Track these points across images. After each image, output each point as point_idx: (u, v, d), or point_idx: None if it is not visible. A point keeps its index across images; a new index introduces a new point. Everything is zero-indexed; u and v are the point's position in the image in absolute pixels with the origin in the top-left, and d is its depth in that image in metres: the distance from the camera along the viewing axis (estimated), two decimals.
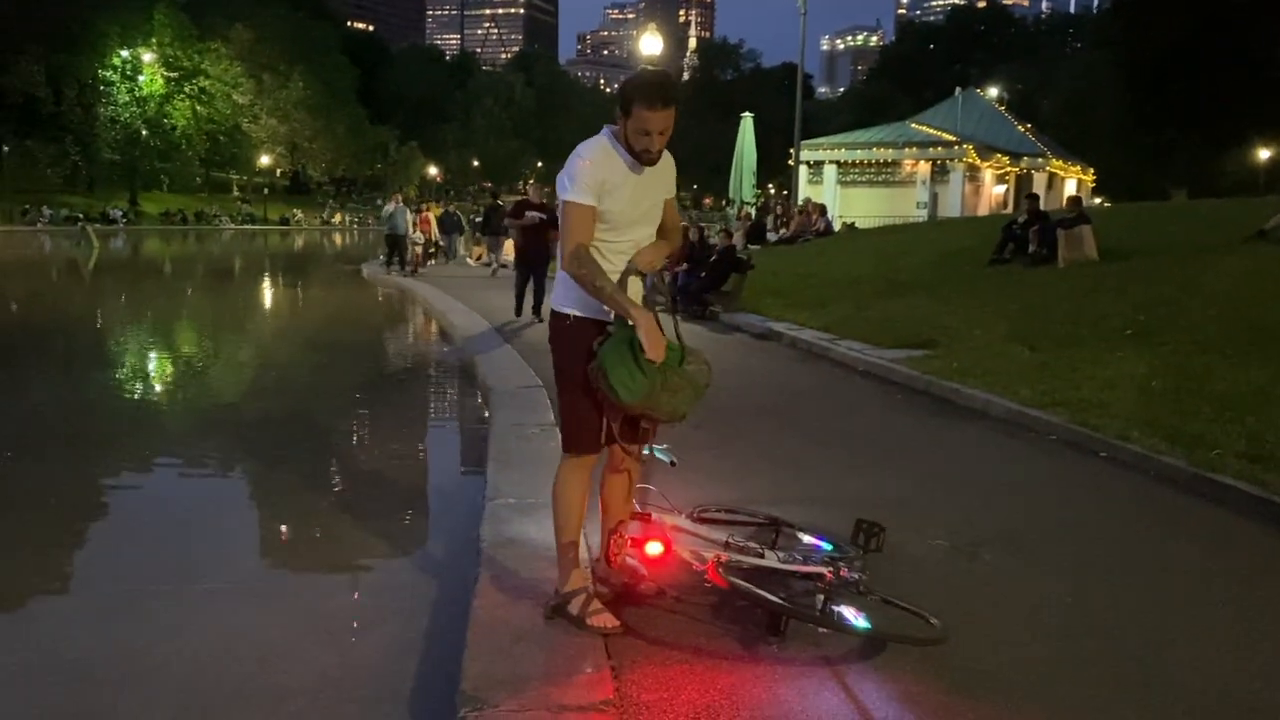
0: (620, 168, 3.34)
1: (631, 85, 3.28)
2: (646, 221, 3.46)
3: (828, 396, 8.69)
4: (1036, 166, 46.97)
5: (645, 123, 3.22)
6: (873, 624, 3.26)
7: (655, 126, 3.24)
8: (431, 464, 7.28)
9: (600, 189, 3.32)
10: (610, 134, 3.38)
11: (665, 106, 3.23)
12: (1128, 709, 3.09)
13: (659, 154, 3.34)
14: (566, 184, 3.33)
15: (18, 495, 5.94)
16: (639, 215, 3.42)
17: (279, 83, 71.50)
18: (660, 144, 3.30)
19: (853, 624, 3.24)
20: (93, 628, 3.98)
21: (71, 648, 3.79)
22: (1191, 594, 4.08)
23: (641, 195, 3.40)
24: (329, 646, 3.77)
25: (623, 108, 3.28)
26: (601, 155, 3.35)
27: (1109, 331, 9.64)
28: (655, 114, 3.22)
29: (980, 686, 3.15)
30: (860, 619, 3.25)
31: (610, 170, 3.34)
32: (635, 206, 3.39)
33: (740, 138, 34.71)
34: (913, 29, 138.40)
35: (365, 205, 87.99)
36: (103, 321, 16.87)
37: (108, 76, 60.27)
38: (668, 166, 3.49)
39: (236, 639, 3.84)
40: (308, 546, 5.17)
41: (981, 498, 5.44)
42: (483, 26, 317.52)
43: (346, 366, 11.57)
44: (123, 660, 3.67)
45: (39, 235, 46.20)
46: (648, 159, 3.30)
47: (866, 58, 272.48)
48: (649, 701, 2.94)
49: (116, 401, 9.46)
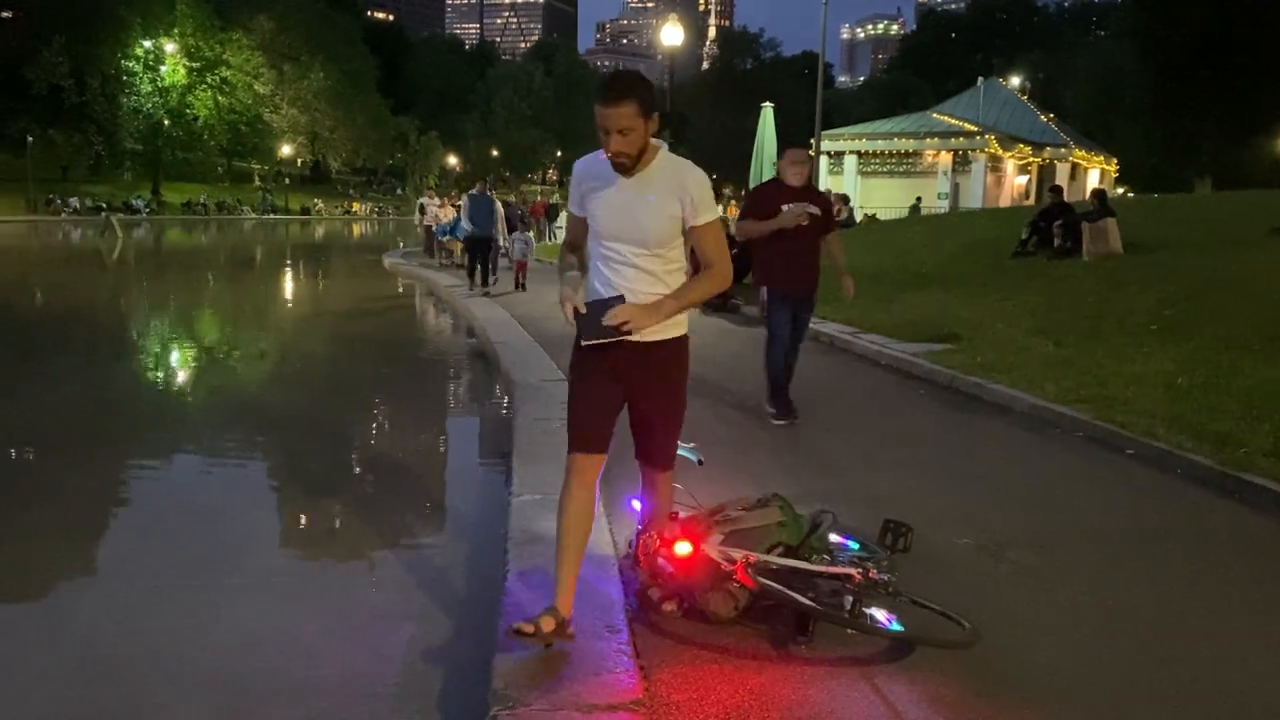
0: (600, 174, 3.26)
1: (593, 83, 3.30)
2: (633, 238, 3.22)
3: (850, 391, 8.68)
4: (1059, 157, 46.64)
5: (599, 119, 3.10)
6: (904, 627, 3.26)
7: (607, 124, 3.08)
8: (456, 459, 7.31)
9: (582, 198, 3.35)
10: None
11: (615, 102, 3.06)
12: (1157, 711, 3.08)
13: (626, 158, 3.13)
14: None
15: (48, 488, 6.01)
16: (619, 228, 3.23)
17: (300, 73, 71.73)
18: (619, 144, 3.10)
19: (885, 626, 3.25)
20: (123, 624, 4.02)
21: (103, 644, 3.83)
22: (1220, 594, 4.06)
23: (621, 205, 3.22)
24: (358, 643, 3.79)
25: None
26: (587, 163, 3.35)
27: (1134, 326, 9.57)
28: (605, 110, 3.07)
29: (1010, 688, 3.15)
30: (892, 621, 3.25)
31: (590, 177, 3.31)
32: (613, 218, 3.24)
33: (760, 128, 34.50)
34: (934, 17, 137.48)
35: (385, 195, 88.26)
36: (129, 311, 17.01)
37: (131, 67, 60.60)
38: (671, 182, 3.22)
39: (265, 635, 3.87)
40: (334, 542, 5.20)
41: (1007, 496, 5.42)
42: (502, 16, 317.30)
43: (368, 358, 11.64)
44: (154, 656, 3.71)
45: (63, 225, 46.53)
46: (617, 164, 3.15)
47: (887, 47, 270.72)
48: (679, 701, 2.96)
49: (143, 393, 9.56)
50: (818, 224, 6.81)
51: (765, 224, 6.75)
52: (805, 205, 6.72)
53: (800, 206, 6.69)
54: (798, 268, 6.88)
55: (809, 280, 7.01)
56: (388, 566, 4.69)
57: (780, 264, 6.86)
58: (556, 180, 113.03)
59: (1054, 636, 3.57)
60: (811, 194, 6.92)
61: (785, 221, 6.65)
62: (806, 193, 6.84)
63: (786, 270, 6.86)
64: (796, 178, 6.84)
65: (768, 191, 7.17)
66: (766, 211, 6.79)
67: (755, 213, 6.94)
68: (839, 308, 12.41)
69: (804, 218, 6.67)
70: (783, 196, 6.78)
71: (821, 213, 6.84)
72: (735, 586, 3.43)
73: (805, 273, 6.94)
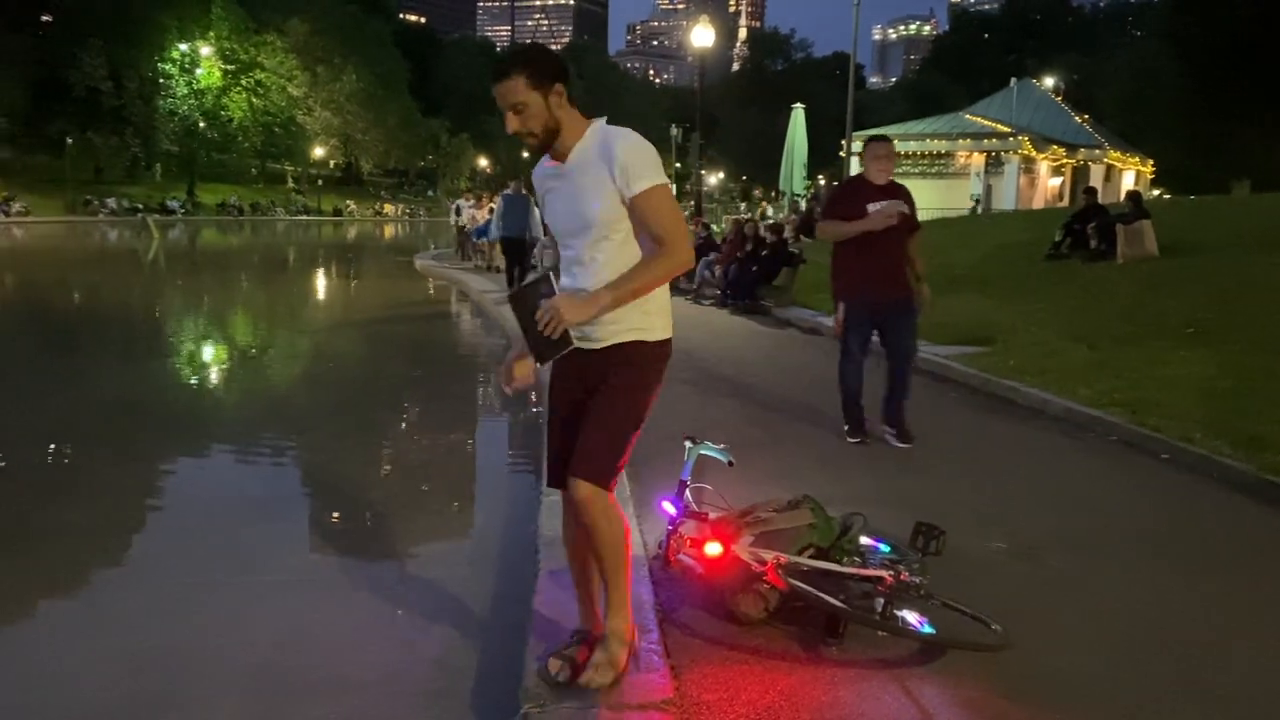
0: (547, 173, 3.02)
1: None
2: (576, 228, 2.91)
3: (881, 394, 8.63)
4: (1094, 158, 46.17)
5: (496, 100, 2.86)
6: (936, 629, 3.25)
7: (500, 102, 2.85)
8: (486, 458, 7.35)
9: (545, 206, 3.08)
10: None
11: (501, 77, 2.84)
12: (1188, 717, 3.06)
13: (531, 137, 2.86)
14: None
15: (89, 485, 6.12)
16: (563, 222, 2.96)
17: (333, 75, 72.34)
18: (515, 124, 2.84)
19: (916, 629, 3.23)
20: (162, 618, 4.08)
21: (142, 637, 3.89)
22: (1255, 600, 4.00)
23: (562, 196, 2.95)
24: (390, 640, 3.83)
25: None
26: (539, 166, 3.07)
27: (1170, 330, 9.47)
28: (494, 87, 2.84)
29: (1041, 692, 3.12)
30: (924, 624, 3.24)
31: (543, 179, 3.05)
32: (557, 213, 2.99)
33: (791, 129, 34.47)
34: (967, 18, 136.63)
35: (416, 196, 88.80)
36: (166, 311, 17.23)
37: (167, 70, 61.39)
38: (602, 154, 2.84)
39: (300, 631, 3.92)
40: (367, 539, 5.25)
41: (1040, 499, 5.38)
42: (533, 18, 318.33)
43: (399, 359, 11.74)
44: (191, 649, 3.77)
45: (100, 225, 47.18)
46: (529, 146, 2.89)
47: (919, 47, 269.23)
48: (709, 701, 2.96)
49: (180, 391, 9.69)
50: (903, 224, 6.14)
51: (851, 225, 6.05)
52: (895, 203, 6.06)
53: (891, 205, 6.03)
54: (882, 275, 6.13)
55: (896, 288, 6.21)
56: (420, 564, 4.73)
57: (862, 271, 6.13)
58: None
59: (1087, 641, 3.54)
60: (897, 190, 6.23)
61: (875, 223, 5.97)
62: (892, 190, 6.18)
63: (869, 279, 6.13)
64: (881, 174, 6.16)
65: (850, 189, 6.57)
66: (851, 212, 6.10)
67: (838, 212, 6.26)
68: None
69: (894, 218, 6.00)
70: (868, 195, 6.11)
71: (909, 211, 6.23)
72: (765, 588, 3.43)
73: (891, 281, 6.17)
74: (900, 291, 6.22)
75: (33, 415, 8.00)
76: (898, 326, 6.30)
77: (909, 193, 6.38)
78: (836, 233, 6.22)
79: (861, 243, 6.05)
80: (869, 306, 6.24)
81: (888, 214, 5.99)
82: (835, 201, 6.60)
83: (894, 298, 6.21)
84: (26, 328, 14.55)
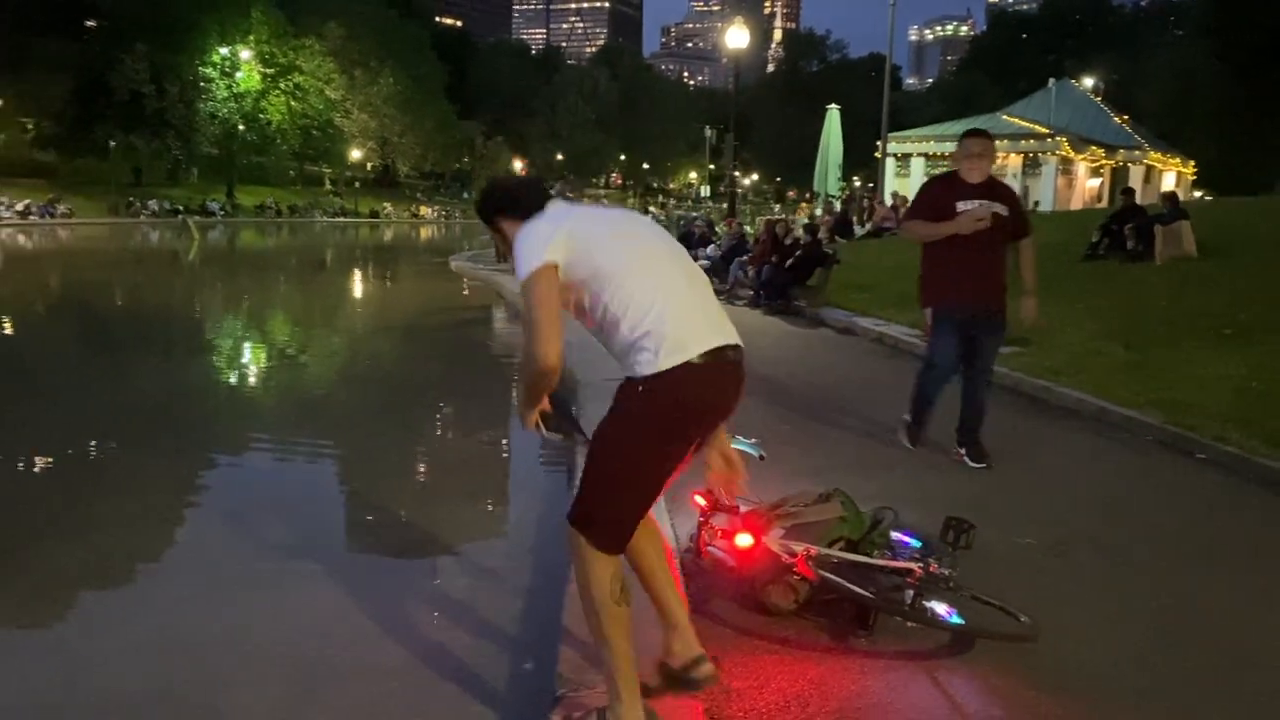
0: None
1: None
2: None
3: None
4: (1133, 159, 45.64)
5: None
6: (965, 620, 3.29)
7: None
8: (519, 455, 7.43)
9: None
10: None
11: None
12: (1218, 713, 3.07)
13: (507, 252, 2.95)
14: None
15: (131, 479, 6.27)
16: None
17: (370, 78, 72.98)
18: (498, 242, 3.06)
19: (945, 619, 3.27)
20: (200, 606, 4.19)
21: (181, 624, 4.00)
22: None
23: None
24: (426, 627, 3.92)
25: None
26: None
27: (1207, 330, 9.39)
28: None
29: (1070, 685, 3.15)
30: (953, 614, 3.28)
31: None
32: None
33: (826, 130, 34.39)
34: (1005, 18, 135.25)
35: (451, 199, 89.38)
36: (208, 309, 17.52)
37: (207, 73, 62.13)
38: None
39: (335, 620, 4.00)
40: (402, 533, 5.33)
41: (1071, 497, 5.38)
42: (568, 21, 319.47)
43: (436, 356, 11.88)
44: (229, 637, 3.87)
45: (142, 227, 47.93)
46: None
47: (956, 48, 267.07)
48: (739, 689, 3.02)
49: (221, 388, 9.89)
50: (1004, 226, 5.56)
51: (937, 227, 5.59)
52: (988, 205, 5.51)
53: (983, 208, 5.49)
54: (974, 281, 5.59)
55: (989, 297, 5.66)
56: (456, 558, 4.83)
57: (952, 276, 5.61)
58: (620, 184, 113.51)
59: (1117, 636, 3.56)
60: (995, 190, 5.68)
61: (963, 226, 5.46)
62: (988, 189, 5.64)
63: (960, 284, 5.59)
64: (975, 172, 5.63)
65: (940, 187, 5.94)
66: (939, 212, 5.63)
67: (925, 213, 5.79)
68: (903, 308, 12.38)
69: (986, 220, 5.46)
70: (958, 193, 5.61)
71: (1010, 212, 5.62)
72: (796, 579, 3.48)
73: (984, 287, 5.63)
74: (992, 303, 5.66)
75: (80, 410, 8.22)
76: (983, 343, 5.77)
77: (1011, 192, 5.90)
78: (921, 234, 5.75)
79: (952, 245, 5.55)
80: (957, 316, 5.71)
81: (978, 216, 5.46)
82: (923, 199, 6.02)
83: (984, 310, 5.66)
84: (74, 326, 14.86)
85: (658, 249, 2.83)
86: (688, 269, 2.83)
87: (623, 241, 2.78)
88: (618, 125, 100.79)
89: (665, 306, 2.64)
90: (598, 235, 2.75)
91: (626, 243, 2.78)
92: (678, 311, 2.66)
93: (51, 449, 6.91)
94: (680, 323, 2.64)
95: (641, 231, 2.88)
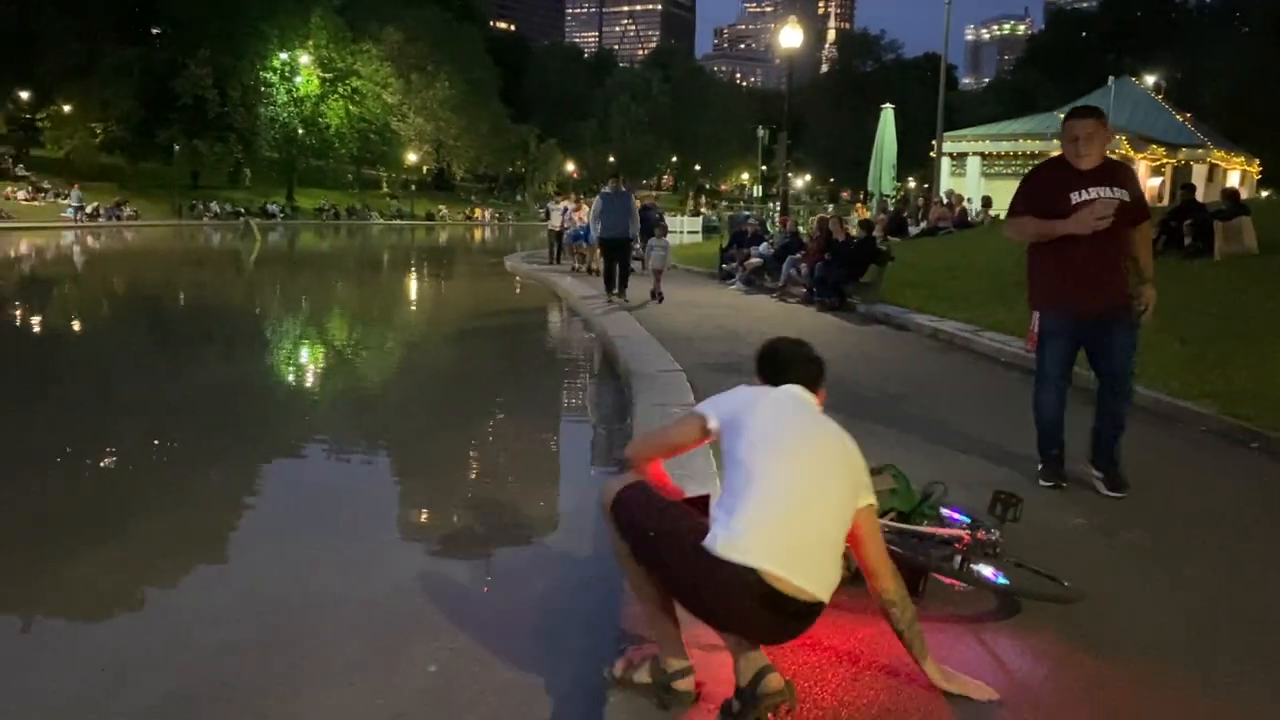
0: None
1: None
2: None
3: (967, 386, 8.70)
4: (1196, 158, 44.76)
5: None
6: (1010, 581, 3.41)
7: None
8: (578, 441, 7.65)
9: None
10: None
11: None
12: (1262, 685, 3.14)
13: None
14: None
15: (202, 462, 6.60)
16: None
17: (426, 82, 74.00)
18: None
19: (991, 580, 3.40)
20: (290, 571, 4.48)
21: (272, 587, 4.29)
22: None
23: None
24: (496, 591, 4.22)
25: None
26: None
27: (1265, 325, 9.33)
28: None
29: (1113, 649, 3.26)
30: (999, 576, 3.40)
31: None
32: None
33: (880, 129, 34.26)
34: (1063, 16, 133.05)
35: (505, 201, 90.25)
36: (272, 308, 18.03)
37: (268, 78, 63.45)
38: None
39: (414, 582, 4.25)
40: (473, 506, 5.57)
41: None
42: (621, 23, 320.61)
43: (493, 350, 12.15)
44: (316, 597, 4.14)
45: (205, 228, 49.10)
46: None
47: (1013, 47, 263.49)
48: (793, 644, 3.16)
49: (290, 379, 10.31)
50: (1126, 210, 4.79)
51: (1051, 226, 4.84)
52: (1107, 197, 4.73)
53: (1104, 202, 4.71)
54: (1092, 279, 4.83)
55: (1113, 293, 4.89)
56: (519, 529, 5.10)
57: (1064, 273, 4.89)
58: (671, 186, 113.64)
59: (1162, 609, 3.64)
60: (1113, 174, 4.89)
61: (1083, 226, 4.72)
62: (1106, 174, 4.86)
63: (1079, 282, 4.85)
64: (1087, 157, 4.84)
65: (1048, 174, 5.10)
66: (1050, 206, 4.87)
67: (1034, 207, 4.99)
68: (958, 305, 12.39)
69: (1109, 218, 4.69)
70: (1070, 183, 4.84)
71: (1131, 198, 4.83)
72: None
73: (1103, 285, 4.86)
74: (1114, 299, 4.90)
75: (158, 397, 8.69)
76: (1110, 345, 4.99)
77: (1130, 172, 5.14)
78: (1032, 233, 5.00)
79: (1066, 238, 4.82)
80: (1073, 318, 5.00)
81: (1099, 214, 4.70)
82: (1029, 190, 5.10)
83: (1106, 307, 4.90)
84: (156, 322, 15.40)
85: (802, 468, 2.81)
86: (819, 506, 2.79)
87: (772, 449, 2.82)
88: (670, 127, 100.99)
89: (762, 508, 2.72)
90: (760, 430, 2.84)
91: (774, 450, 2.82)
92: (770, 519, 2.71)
93: (144, 433, 7.35)
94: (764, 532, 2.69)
95: (799, 449, 2.84)
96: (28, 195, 46.39)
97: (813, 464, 2.80)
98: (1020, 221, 5.06)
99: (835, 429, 2.92)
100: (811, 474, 2.77)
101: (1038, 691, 2.99)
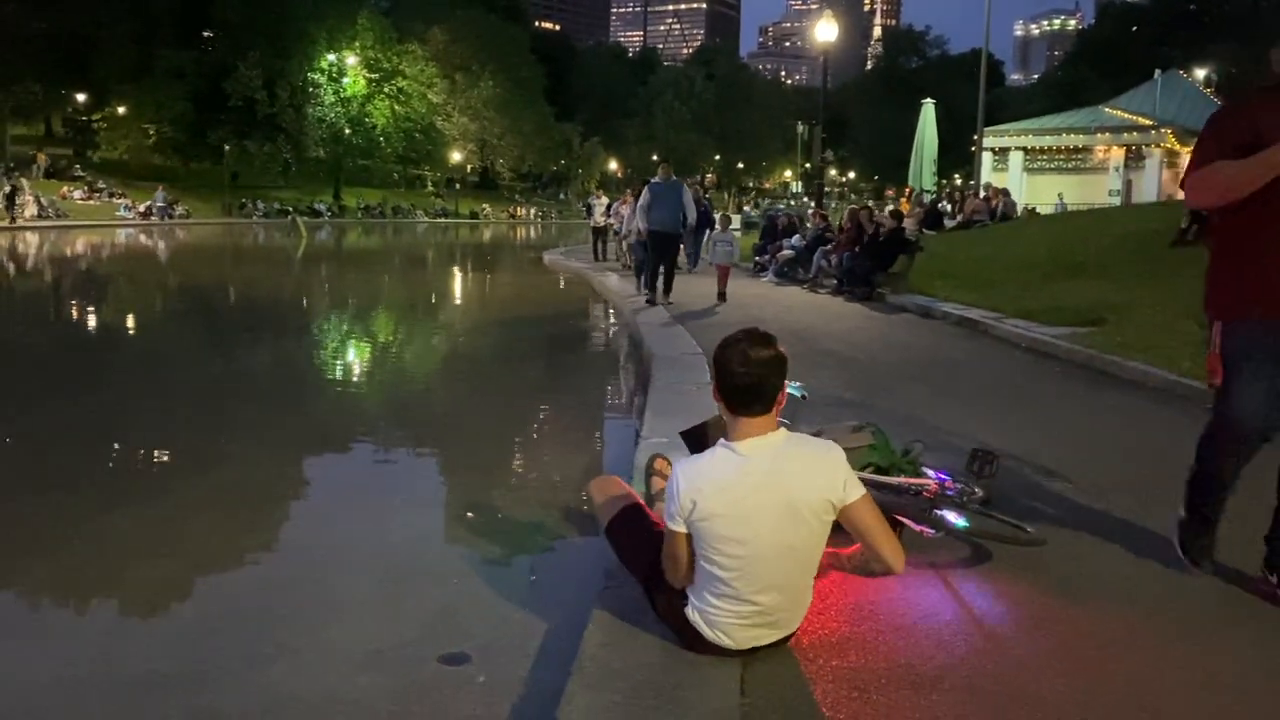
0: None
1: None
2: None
3: (985, 369, 8.82)
4: None
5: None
6: (971, 523, 3.60)
7: None
8: (594, 413, 7.92)
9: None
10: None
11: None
12: (1237, 630, 3.25)
13: None
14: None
15: (249, 430, 7.03)
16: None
17: (471, 82, 74.73)
18: None
19: (951, 524, 3.58)
20: (315, 524, 4.95)
21: (297, 538, 4.78)
22: None
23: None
24: (497, 543, 4.53)
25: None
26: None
27: None
28: None
29: (1077, 593, 3.42)
30: (960, 519, 3.59)
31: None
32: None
33: (921, 124, 34.22)
34: (1113, 10, 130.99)
35: (549, 200, 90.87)
36: (328, 300, 18.60)
37: (316, 79, 64.47)
38: None
39: (427, 533, 4.71)
40: (485, 470, 5.90)
41: (1121, 455, 5.57)
42: (665, 22, 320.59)
43: (528, 337, 12.51)
44: (338, 547, 4.57)
45: (254, 227, 50.14)
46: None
47: (1063, 43, 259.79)
48: None
49: (336, 364, 10.79)
50: None
51: (1255, 165, 3.14)
52: None
53: None
54: None
55: None
56: (527, 490, 5.52)
57: (1269, 263, 3.26)
58: (715, 184, 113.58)
59: (1137, 558, 3.77)
60: None
61: None
62: None
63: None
64: None
65: (1259, 105, 3.31)
66: (1250, 141, 3.18)
67: (1226, 146, 3.25)
68: (986, 294, 12.47)
69: None
70: (1275, 114, 3.19)
71: None
72: None
73: None
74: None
75: (208, 378, 9.34)
76: None
77: None
78: (1227, 180, 3.22)
79: (1271, 214, 3.22)
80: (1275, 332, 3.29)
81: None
82: (1219, 131, 3.34)
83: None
84: (213, 312, 15.98)
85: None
86: (791, 568, 2.87)
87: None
88: (713, 125, 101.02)
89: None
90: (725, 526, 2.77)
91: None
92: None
93: (193, 404, 8.00)
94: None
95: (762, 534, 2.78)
96: (84, 195, 47.59)
97: (779, 537, 2.77)
98: (1210, 170, 3.27)
99: (803, 457, 2.81)
100: (780, 545, 2.78)
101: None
